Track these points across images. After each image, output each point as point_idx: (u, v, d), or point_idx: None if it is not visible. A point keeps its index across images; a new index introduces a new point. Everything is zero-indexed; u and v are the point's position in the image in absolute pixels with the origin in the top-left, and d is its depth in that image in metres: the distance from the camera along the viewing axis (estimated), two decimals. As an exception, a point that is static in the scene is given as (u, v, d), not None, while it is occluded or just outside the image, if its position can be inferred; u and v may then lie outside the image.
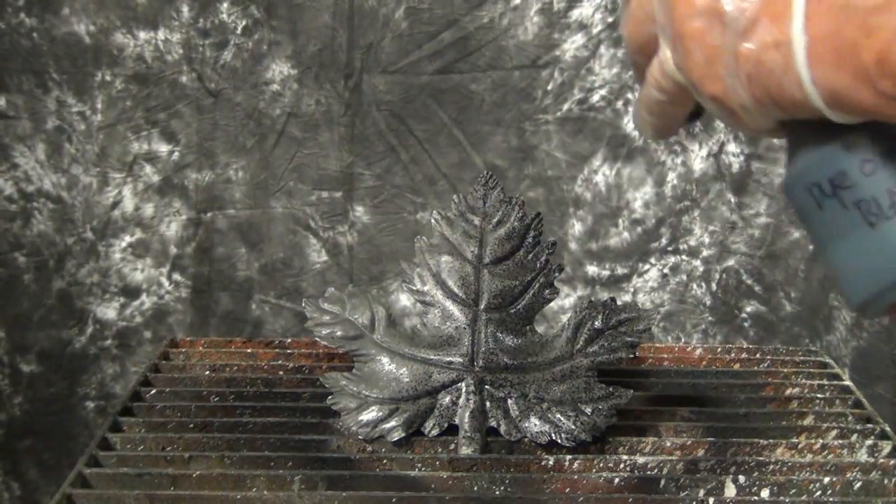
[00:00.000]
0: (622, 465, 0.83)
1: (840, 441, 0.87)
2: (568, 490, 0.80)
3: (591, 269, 1.47)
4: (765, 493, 0.80)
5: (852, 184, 0.53)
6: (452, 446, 0.86)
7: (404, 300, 1.47)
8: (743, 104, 0.54)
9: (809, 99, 0.51)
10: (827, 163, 0.54)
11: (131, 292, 1.48)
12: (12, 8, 1.39)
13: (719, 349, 1.06)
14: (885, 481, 0.81)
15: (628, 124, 1.44)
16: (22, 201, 1.45)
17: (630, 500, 0.78)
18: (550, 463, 0.83)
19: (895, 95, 0.49)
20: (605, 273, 1.47)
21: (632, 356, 0.90)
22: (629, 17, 0.60)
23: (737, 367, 1.03)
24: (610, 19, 1.42)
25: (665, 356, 1.04)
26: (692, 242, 1.47)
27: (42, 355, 1.48)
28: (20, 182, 1.44)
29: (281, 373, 1.00)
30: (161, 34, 1.42)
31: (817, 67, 0.50)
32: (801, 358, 1.05)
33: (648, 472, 0.82)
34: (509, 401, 0.87)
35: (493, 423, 0.86)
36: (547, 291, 0.90)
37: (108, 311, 1.48)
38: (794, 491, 0.80)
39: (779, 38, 0.50)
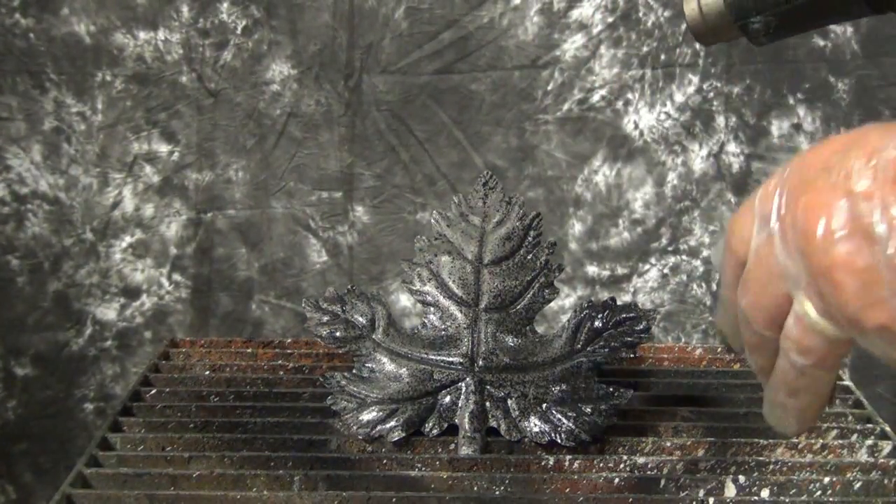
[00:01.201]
0: (622, 465, 0.83)
1: (840, 441, 0.87)
2: (568, 490, 0.80)
3: (591, 269, 1.47)
4: (765, 493, 0.80)
5: None
6: (452, 446, 0.86)
7: (404, 300, 1.47)
8: None
9: None
10: None
11: (131, 293, 1.48)
12: (6, 8, 1.39)
13: (719, 349, 1.06)
14: (885, 481, 0.81)
15: (628, 124, 1.44)
16: (15, 203, 1.44)
17: (630, 500, 0.78)
18: (550, 463, 0.83)
19: None
20: (605, 273, 1.47)
21: (632, 356, 0.90)
22: (746, 286, 0.53)
23: (737, 367, 1.03)
24: (610, 19, 1.42)
25: (665, 356, 1.04)
26: (692, 242, 1.47)
27: (37, 358, 1.48)
28: (13, 184, 1.44)
29: (281, 373, 1.00)
30: (161, 34, 1.42)
31: None
32: (802, 358, 1.05)
33: (648, 472, 0.82)
34: (509, 401, 0.87)
35: (493, 423, 0.86)
36: (547, 291, 0.90)
37: (109, 312, 1.48)
38: (794, 491, 0.80)
39: None
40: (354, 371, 0.89)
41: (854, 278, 0.47)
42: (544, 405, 0.86)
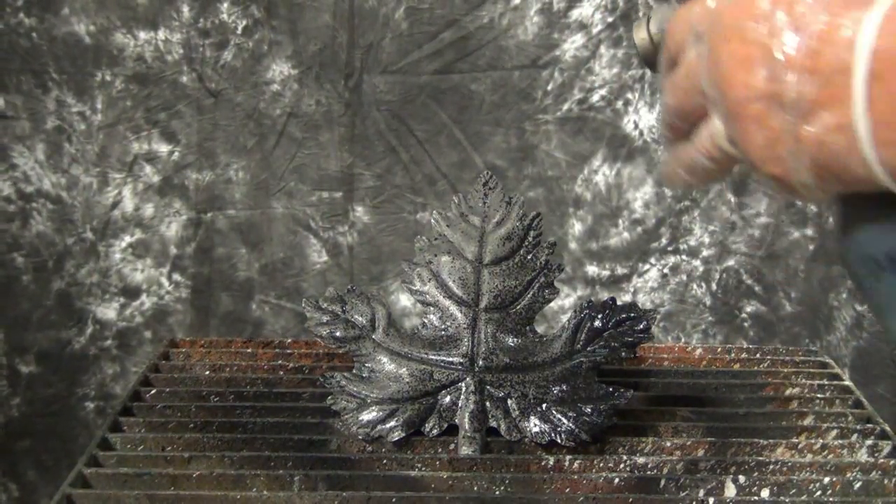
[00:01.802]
0: (622, 465, 0.83)
1: (840, 441, 0.87)
2: (568, 490, 0.80)
3: (591, 269, 1.47)
4: (765, 493, 0.80)
5: None
6: (452, 446, 0.86)
7: (404, 300, 1.47)
8: (804, 182, 0.53)
9: (876, 178, 0.50)
10: (884, 238, 0.54)
11: (131, 292, 1.48)
12: (11, 8, 1.39)
13: (719, 349, 1.06)
14: (885, 481, 0.81)
15: (628, 124, 1.44)
16: (20, 202, 1.45)
17: (630, 500, 0.78)
18: (550, 463, 0.83)
19: None
20: (605, 273, 1.47)
21: (632, 356, 0.90)
22: (674, 86, 0.59)
23: (737, 367, 1.03)
24: (610, 19, 1.42)
25: (665, 356, 1.04)
26: (692, 242, 1.47)
27: (41, 356, 1.48)
28: (19, 182, 1.44)
29: (281, 373, 1.00)
30: (161, 34, 1.42)
31: (883, 150, 0.49)
32: (801, 358, 1.05)
33: (648, 472, 0.82)
34: (509, 401, 0.87)
35: (493, 423, 0.86)
36: (547, 291, 0.90)
37: (109, 312, 1.48)
38: (794, 491, 0.80)
39: (841, 121, 0.50)
40: (354, 371, 0.89)
41: (762, 135, 0.52)
42: (544, 405, 0.86)
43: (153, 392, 0.95)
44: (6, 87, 1.42)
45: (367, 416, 0.86)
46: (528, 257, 0.91)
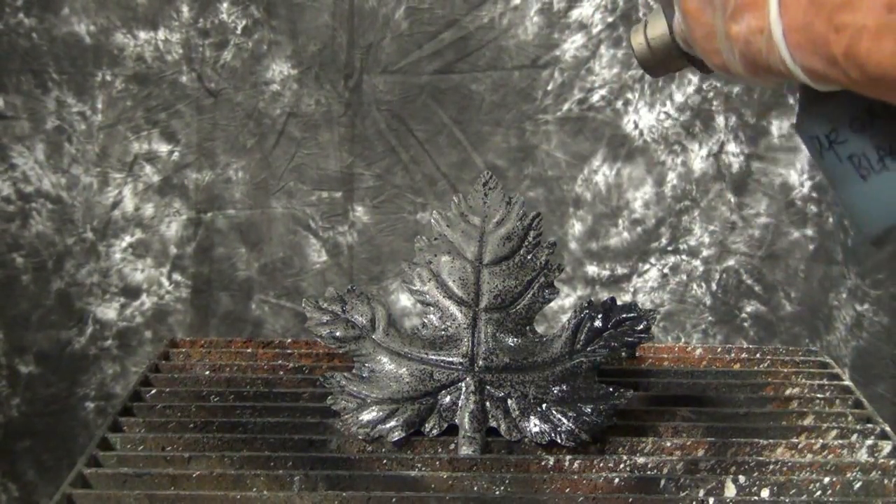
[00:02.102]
0: (622, 465, 0.83)
1: (840, 441, 0.87)
2: (568, 490, 0.80)
3: (591, 269, 1.47)
4: (765, 493, 0.80)
5: (844, 139, 0.59)
6: (452, 446, 0.86)
7: (404, 300, 1.47)
8: (740, 74, 0.59)
9: (795, 75, 0.56)
10: (823, 119, 0.59)
11: (131, 292, 1.48)
12: (11, 8, 1.39)
13: (719, 349, 1.06)
14: (885, 481, 0.81)
15: (628, 124, 1.44)
16: (20, 202, 1.45)
17: (630, 500, 0.78)
18: (550, 463, 0.83)
19: (863, 81, 0.53)
20: (605, 273, 1.47)
21: (632, 356, 0.90)
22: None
23: (737, 367, 1.03)
24: (610, 19, 1.42)
25: (665, 356, 1.04)
26: (692, 242, 1.47)
27: (40, 356, 1.48)
28: (18, 182, 1.44)
29: (281, 373, 1.00)
30: (161, 34, 1.42)
31: (796, 52, 0.55)
32: (801, 358, 1.05)
33: (648, 472, 0.82)
34: (509, 401, 0.87)
35: (493, 423, 0.86)
36: (547, 291, 0.90)
37: (109, 312, 1.48)
38: (794, 491, 0.80)
39: (760, 24, 0.56)
40: (354, 371, 0.89)
41: (700, 28, 0.60)
42: (544, 405, 0.86)
43: (153, 392, 0.95)
44: (5, 88, 1.42)
45: (367, 416, 0.86)
46: (528, 257, 0.91)
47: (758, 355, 1.05)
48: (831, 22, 0.52)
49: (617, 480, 0.81)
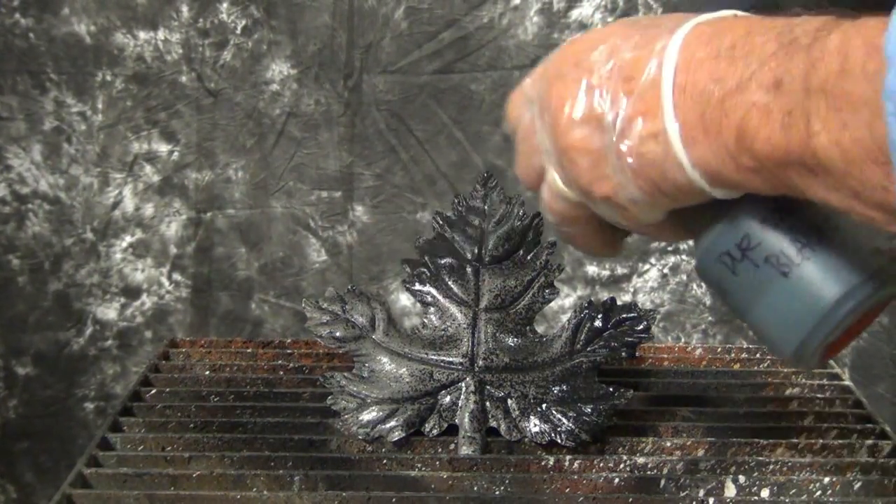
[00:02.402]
0: (622, 465, 0.83)
1: (840, 441, 0.87)
2: (568, 490, 0.80)
3: (591, 269, 1.47)
4: (765, 493, 0.80)
5: (758, 242, 0.57)
6: (452, 446, 0.86)
7: (404, 300, 1.47)
8: (632, 198, 0.58)
9: (692, 180, 0.55)
10: (730, 231, 0.58)
11: (132, 292, 1.48)
12: (7, 8, 1.39)
13: (719, 349, 1.06)
14: (885, 481, 0.81)
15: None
16: (15, 203, 1.44)
17: (630, 500, 0.78)
18: (550, 463, 0.83)
19: (755, 168, 0.52)
20: (605, 273, 1.47)
21: (632, 356, 0.90)
22: (517, 156, 0.64)
23: (737, 367, 1.03)
24: (610, 19, 1.42)
25: (665, 356, 1.04)
26: (692, 242, 1.46)
27: (38, 357, 1.48)
28: (14, 184, 1.44)
29: (281, 373, 1.00)
30: (161, 34, 1.42)
31: (692, 149, 0.54)
32: (801, 358, 1.05)
33: (648, 472, 0.82)
34: (509, 401, 0.87)
35: (493, 423, 0.86)
36: (547, 291, 0.90)
37: (109, 312, 1.48)
38: (794, 491, 0.80)
39: (654, 129, 0.55)
40: (354, 371, 0.89)
41: (586, 157, 0.58)
42: (544, 405, 0.86)
43: (153, 392, 0.95)
44: (1, 89, 1.41)
45: (367, 416, 0.86)
46: (528, 257, 0.91)
47: (758, 355, 1.05)
48: (723, 106, 0.52)
49: (617, 480, 0.81)
